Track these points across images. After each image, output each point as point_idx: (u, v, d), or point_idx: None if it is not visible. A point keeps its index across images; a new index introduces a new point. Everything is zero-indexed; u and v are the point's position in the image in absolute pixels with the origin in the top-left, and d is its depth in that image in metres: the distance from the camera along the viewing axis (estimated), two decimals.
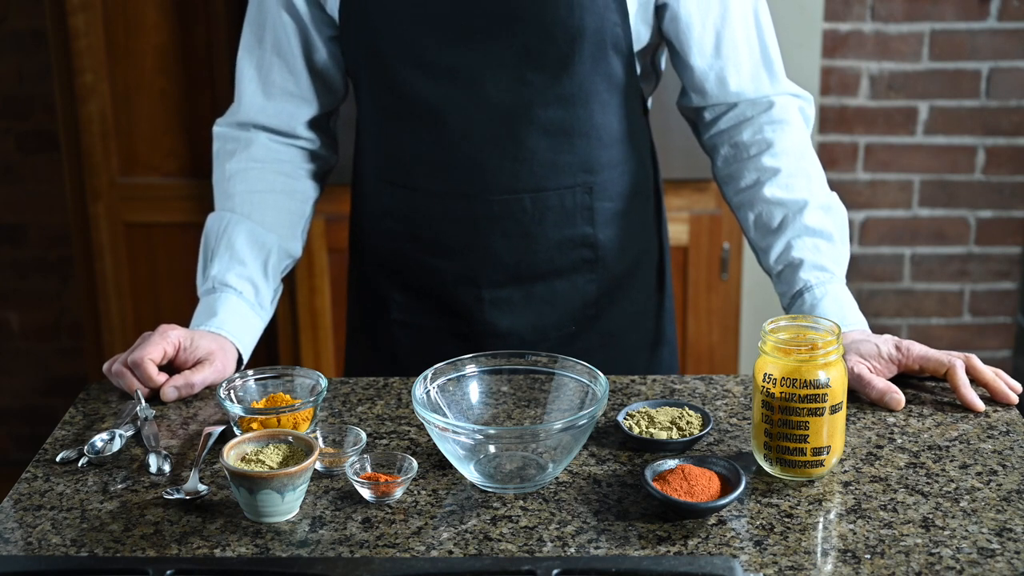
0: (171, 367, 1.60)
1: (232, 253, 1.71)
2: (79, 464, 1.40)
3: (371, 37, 1.68)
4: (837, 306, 1.61)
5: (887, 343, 1.55)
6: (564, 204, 1.73)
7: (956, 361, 1.52)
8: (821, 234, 1.66)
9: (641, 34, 1.70)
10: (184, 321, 1.66)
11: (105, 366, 1.59)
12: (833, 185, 1.76)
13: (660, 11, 1.71)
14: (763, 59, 1.73)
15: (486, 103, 1.67)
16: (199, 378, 1.57)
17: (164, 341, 1.57)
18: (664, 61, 1.83)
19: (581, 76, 1.67)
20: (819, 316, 1.57)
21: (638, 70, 1.74)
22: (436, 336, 1.81)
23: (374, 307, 1.86)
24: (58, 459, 1.42)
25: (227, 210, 1.75)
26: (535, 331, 1.78)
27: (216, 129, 1.81)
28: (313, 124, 1.81)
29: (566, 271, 1.77)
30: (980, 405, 1.49)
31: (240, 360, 1.66)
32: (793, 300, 1.65)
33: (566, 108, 1.68)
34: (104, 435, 1.44)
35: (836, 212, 1.69)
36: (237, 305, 1.68)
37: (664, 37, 1.74)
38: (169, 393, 1.55)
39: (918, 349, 1.54)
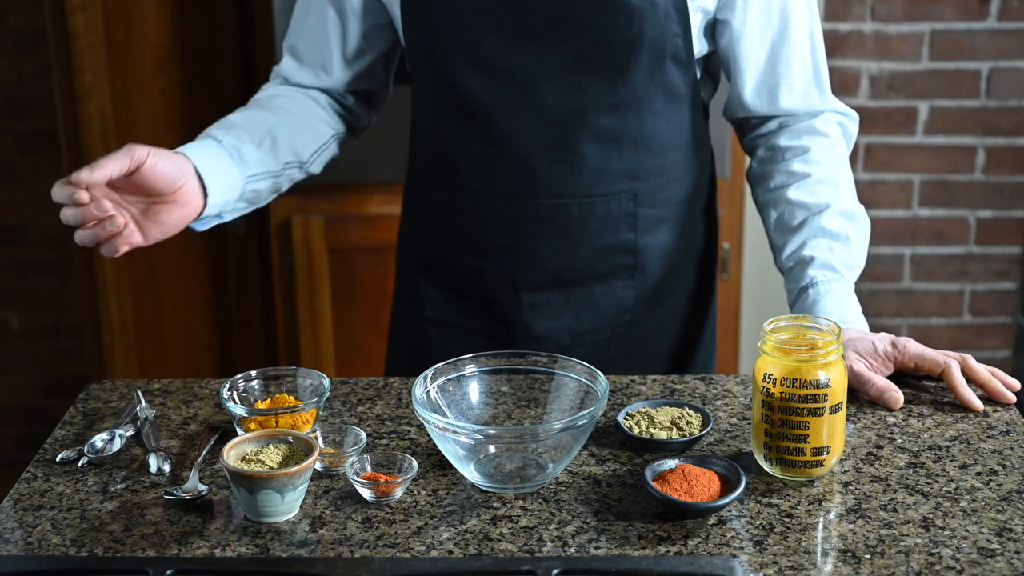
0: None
1: (225, 121, 1.69)
2: (79, 464, 1.41)
3: (430, 31, 1.68)
4: (838, 304, 1.61)
5: (883, 340, 1.55)
6: (609, 210, 1.72)
7: (951, 361, 1.52)
8: (837, 237, 1.66)
9: (702, 45, 1.70)
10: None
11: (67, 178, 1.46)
12: None
13: (718, 26, 1.70)
14: (815, 77, 1.73)
15: (540, 106, 1.66)
16: (152, 159, 1.47)
17: (127, 157, 1.46)
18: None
19: (636, 84, 1.65)
20: (819, 313, 1.59)
21: (697, 77, 1.73)
22: (470, 336, 1.81)
23: (410, 304, 1.86)
24: (58, 459, 1.42)
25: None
26: (572, 336, 1.77)
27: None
28: (350, 93, 1.84)
29: (606, 276, 1.76)
30: (978, 404, 1.49)
31: (204, 191, 1.58)
32: (798, 296, 1.65)
33: (619, 116, 1.67)
34: (104, 435, 1.44)
35: (858, 221, 1.69)
36: (210, 146, 1.63)
37: (718, 50, 1.73)
38: (111, 167, 1.43)
39: (914, 347, 1.54)
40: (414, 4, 1.68)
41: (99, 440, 1.43)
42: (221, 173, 1.61)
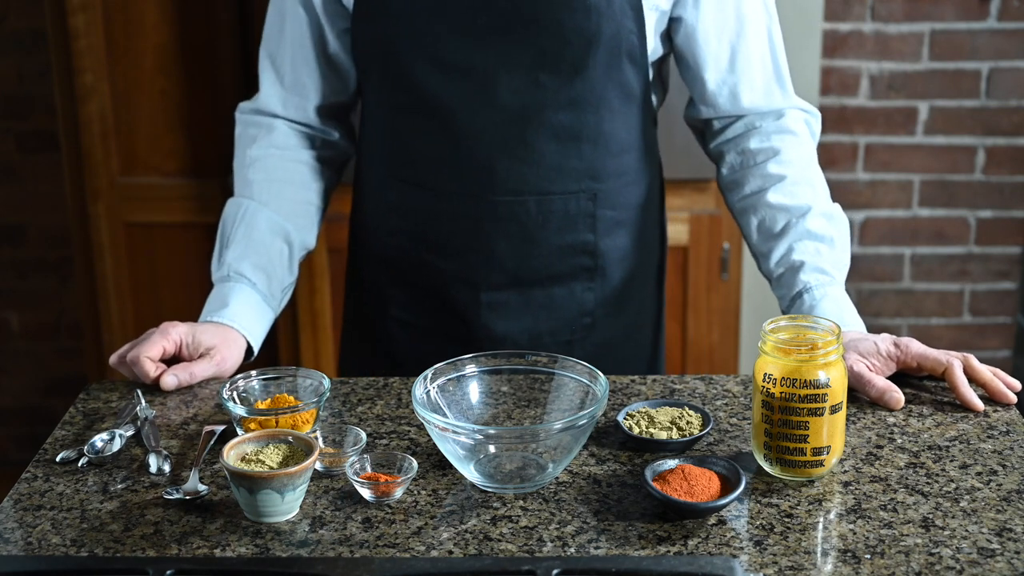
0: (174, 362, 1.61)
1: (249, 241, 1.72)
2: (79, 464, 1.40)
3: (386, 30, 1.68)
4: (836, 308, 1.61)
5: (885, 341, 1.55)
6: (568, 209, 1.72)
7: (954, 361, 1.52)
8: (823, 239, 1.67)
9: (655, 44, 1.70)
10: (185, 320, 1.67)
11: (111, 359, 1.62)
12: (833, 185, 1.77)
13: (673, 24, 1.70)
14: (775, 74, 1.74)
15: (498, 103, 1.66)
16: (199, 369, 1.58)
17: (164, 339, 1.58)
18: (671, 74, 1.82)
19: (594, 81, 1.66)
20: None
21: (650, 78, 1.73)
22: (432, 337, 1.81)
23: (374, 304, 1.86)
24: (58, 459, 1.42)
25: (246, 197, 1.77)
26: (531, 337, 1.78)
27: (238, 114, 1.84)
28: (330, 114, 1.82)
29: (565, 278, 1.76)
30: (979, 405, 1.49)
31: (250, 351, 1.67)
32: (792, 302, 1.65)
33: (577, 113, 1.68)
34: (104, 435, 1.44)
35: (838, 220, 1.70)
36: (249, 296, 1.69)
37: (676, 50, 1.74)
38: (168, 381, 1.56)
39: (916, 347, 1.54)
40: (370, 2, 1.67)
41: (99, 440, 1.43)
42: (263, 322, 1.71)
